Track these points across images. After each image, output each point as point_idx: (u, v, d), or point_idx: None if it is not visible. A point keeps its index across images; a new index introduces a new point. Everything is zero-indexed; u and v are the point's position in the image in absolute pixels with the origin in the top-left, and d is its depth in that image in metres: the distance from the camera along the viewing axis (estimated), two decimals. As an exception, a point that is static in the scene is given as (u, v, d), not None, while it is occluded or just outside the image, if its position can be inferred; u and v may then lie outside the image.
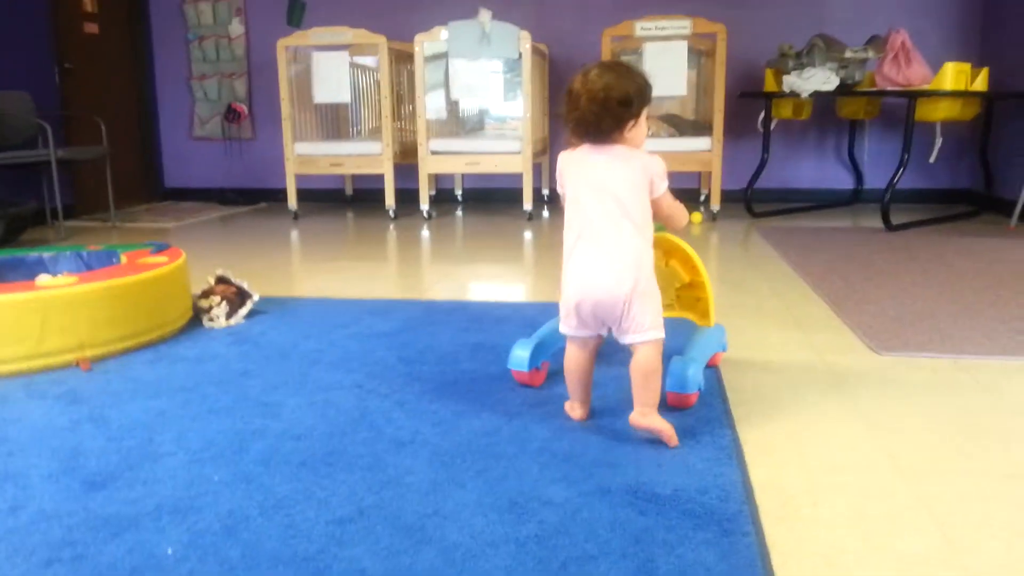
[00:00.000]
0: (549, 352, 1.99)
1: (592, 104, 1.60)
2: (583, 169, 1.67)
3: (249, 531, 1.29)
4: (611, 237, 1.62)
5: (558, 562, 1.19)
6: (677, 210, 1.75)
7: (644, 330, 1.62)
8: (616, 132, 1.64)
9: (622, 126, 1.64)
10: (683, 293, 2.07)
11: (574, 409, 1.76)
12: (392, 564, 1.19)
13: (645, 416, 1.62)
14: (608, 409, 1.79)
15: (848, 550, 1.23)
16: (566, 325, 1.70)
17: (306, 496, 1.40)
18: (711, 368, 2.04)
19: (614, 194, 1.62)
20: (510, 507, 1.36)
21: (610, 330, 1.69)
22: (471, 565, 1.19)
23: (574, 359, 1.72)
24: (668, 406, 1.79)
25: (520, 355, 1.93)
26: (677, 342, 1.91)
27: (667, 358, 1.74)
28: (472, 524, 1.30)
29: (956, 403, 1.83)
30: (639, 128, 1.67)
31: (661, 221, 1.75)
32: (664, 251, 2.02)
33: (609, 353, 2.16)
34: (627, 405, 1.79)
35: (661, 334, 1.64)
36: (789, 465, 1.53)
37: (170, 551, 1.24)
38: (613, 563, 1.19)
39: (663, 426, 1.61)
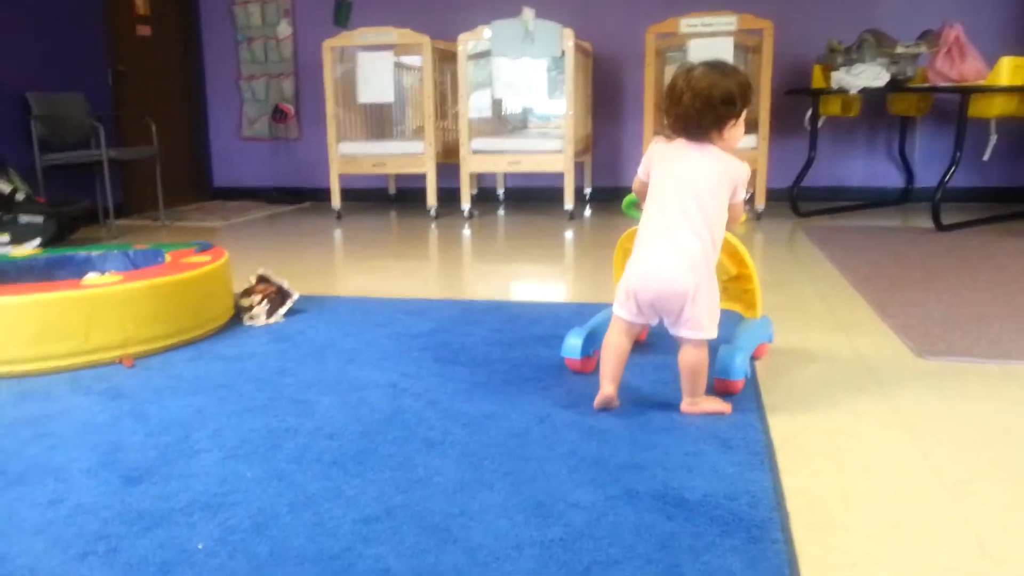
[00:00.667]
0: (600, 341, 2.01)
1: (695, 101, 1.66)
2: (673, 163, 1.72)
3: (278, 528, 1.31)
4: (683, 233, 1.66)
5: (582, 566, 1.18)
6: (741, 211, 1.81)
7: (700, 328, 1.69)
8: (715, 130, 1.69)
9: (722, 125, 1.69)
10: (730, 285, 2.11)
11: (603, 390, 1.77)
12: (416, 563, 1.20)
13: (695, 404, 1.74)
14: (639, 407, 1.77)
15: (880, 560, 1.21)
16: (625, 310, 1.74)
17: (335, 494, 1.42)
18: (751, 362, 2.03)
19: (695, 192, 1.67)
20: (536, 509, 1.35)
21: (660, 320, 1.74)
22: (495, 567, 1.19)
23: (615, 341, 1.77)
24: (715, 391, 1.84)
25: (573, 343, 2.02)
26: (725, 332, 1.91)
27: (715, 347, 1.78)
28: (497, 526, 1.30)
29: (1001, 410, 1.78)
30: (738, 128, 1.71)
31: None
32: None
33: (639, 344, 2.15)
34: (658, 402, 1.79)
35: (714, 334, 1.70)
36: (823, 471, 1.50)
37: (200, 546, 1.26)
38: (638, 568, 1.18)
39: (713, 407, 1.73)
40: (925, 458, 1.54)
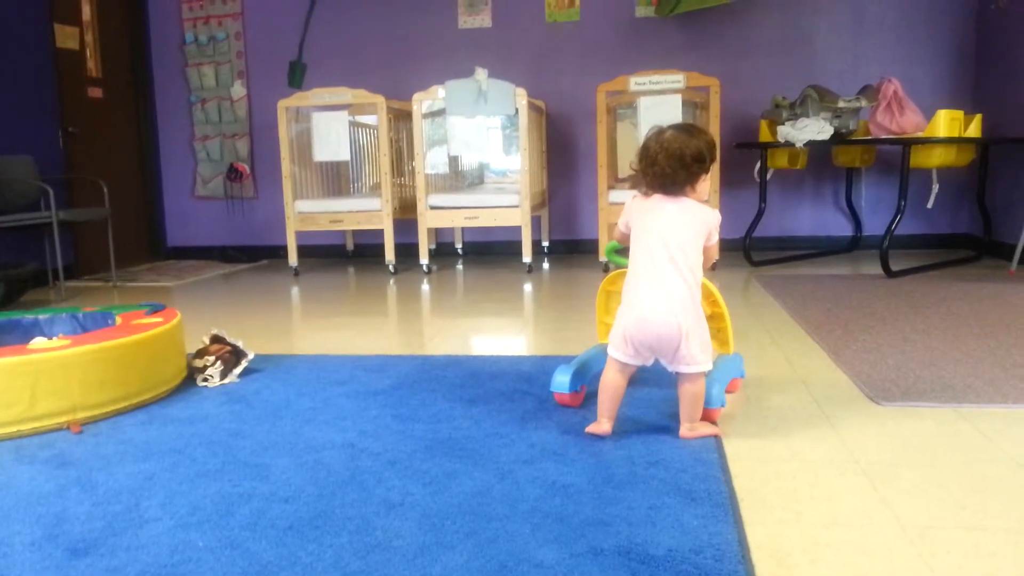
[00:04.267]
0: (587, 377, 2.20)
1: (670, 161, 1.84)
2: (653, 216, 1.88)
3: (231, 599, 1.26)
4: (670, 278, 1.83)
5: (547, 628, 1.16)
6: (716, 251, 1.98)
7: (695, 362, 1.85)
8: (688, 185, 1.87)
9: (695, 180, 1.88)
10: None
11: (600, 425, 1.92)
12: (376, 633, 1.16)
13: (693, 430, 1.90)
14: (603, 460, 1.76)
15: (846, 611, 1.20)
16: (621, 353, 1.89)
17: (291, 562, 1.37)
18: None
19: (677, 241, 1.84)
20: (499, 571, 1.32)
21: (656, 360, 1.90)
22: (457, 633, 1.15)
23: (612, 381, 1.92)
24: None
25: (561, 379, 2.16)
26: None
27: None
28: (459, 589, 1.27)
29: (957, 454, 1.80)
30: (707, 182, 1.91)
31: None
32: None
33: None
34: (625, 456, 1.77)
35: (709, 365, 1.88)
36: (786, 522, 1.49)
37: (149, 622, 1.21)
38: (604, 628, 1.15)
39: (709, 430, 1.90)
40: (885, 505, 1.55)
